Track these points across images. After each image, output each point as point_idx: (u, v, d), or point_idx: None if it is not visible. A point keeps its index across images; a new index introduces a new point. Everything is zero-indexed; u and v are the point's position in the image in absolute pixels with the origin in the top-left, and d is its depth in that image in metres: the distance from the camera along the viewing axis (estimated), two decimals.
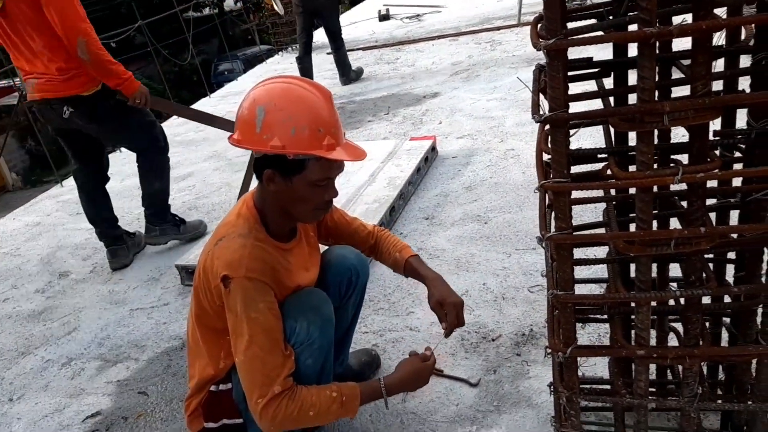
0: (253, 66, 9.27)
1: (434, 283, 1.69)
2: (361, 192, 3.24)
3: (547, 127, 1.20)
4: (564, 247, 1.18)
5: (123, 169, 5.02)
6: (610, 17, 1.27)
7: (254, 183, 1.60)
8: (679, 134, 1.18)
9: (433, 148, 3.81)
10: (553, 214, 1.20)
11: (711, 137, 1.24)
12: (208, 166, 4.64)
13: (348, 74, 6.16)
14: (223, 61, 20.46)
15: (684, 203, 1.27)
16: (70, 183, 4.96)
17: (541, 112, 1.09)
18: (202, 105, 6.83)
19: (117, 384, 2.31)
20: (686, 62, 1.15)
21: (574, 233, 1.17)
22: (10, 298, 3.16)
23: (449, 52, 6.67)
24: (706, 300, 1.36)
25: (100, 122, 2.85)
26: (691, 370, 1.24)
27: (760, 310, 1.26)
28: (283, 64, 8.24)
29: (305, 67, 5.90)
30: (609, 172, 1.17)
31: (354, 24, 9.71)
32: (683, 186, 1.11)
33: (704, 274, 1.18)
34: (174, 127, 6.06)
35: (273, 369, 1.42)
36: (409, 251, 1.79)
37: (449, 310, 1.64)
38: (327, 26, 5.85)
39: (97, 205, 3.21)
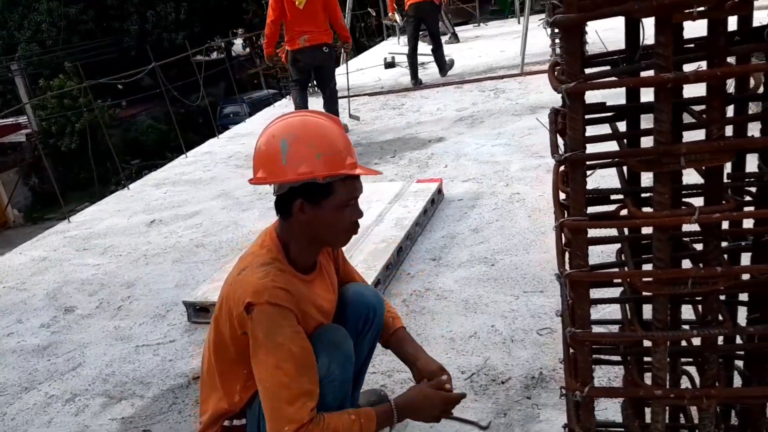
0: (259, 109, 9.42)
1: (418, 358, 1.73)
2: (368, 232, 3.27)
3: (562, 168, 1.25)
4: (581, 284, 1.20)
5: (131, 205, 5.07)
6: (623, 64, 1.33)
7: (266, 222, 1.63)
8: (691, 178, 1.21)
9: (439, 191, 3.86)
10: (567, 253, 1.23)
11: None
12: (215, 205, 4.68)
13: (444, 69, 7.98)
14: (229, 104, 20.83)
15: (695, 246, 1.31)
16: (77, 219, 5.00)
17: (561, 152, 1.13)
18: (210, 146, 6.94)
19: (121, 421, 2.28)
20: (696, 107, 1.20)
21: (592, 272, 1.19)
22: (14, 333, 3.15)
23: (454, 99, 6.81)
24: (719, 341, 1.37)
25: (331, 58, 5.45)
26: (708, 411, 1.24)
27: None
28: (291, 107, 8.39)
29: (413, 63, 7.89)
30: (625, 211, 1.20)
31: (361, 70, 9.92)
32: (695, 227, 1.14)
33: (720, 315, 1.19)
34: (182, 167, 6.14)
35: (299, 398, 1.40)
36: (399, 322, 1.83)
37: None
38: (429, 30, 7.82)
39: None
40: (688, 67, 1.15)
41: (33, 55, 20.52)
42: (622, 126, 1.42)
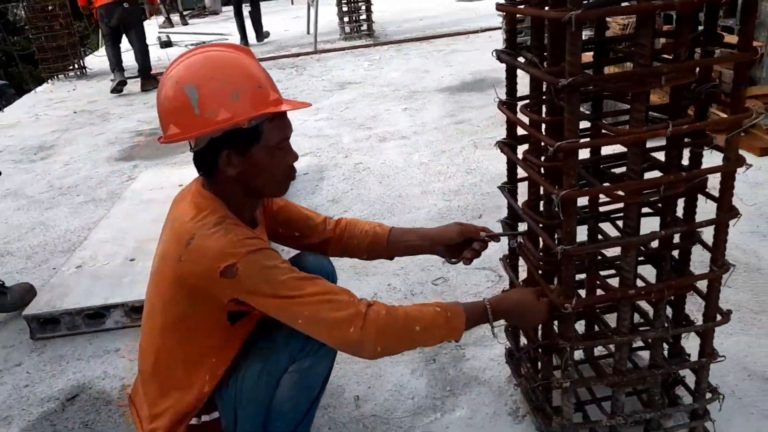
0: None
1: (430, 234, 1.65)
2: None
3: (520, 105, 1.36)
4: (571, 203, 1.29)
5: None
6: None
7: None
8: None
9: None
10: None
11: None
12: (5, 207, 3.90)
13: (261, 33, 8.81)
14: None
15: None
16: None
17: (560, 81, 1.20)
18: None
19: None
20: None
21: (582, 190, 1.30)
22: None
23: None
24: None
25: (133, 15, 6.32)
26: (662, 302, 1.45)
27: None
28: (59, 92, 7.31)
29: (241, 23, 8.47)
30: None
31: (130, 51, 9.02)
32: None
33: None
34: None
35: (343, 297, 1.28)
36: (386, 227, 1.70)
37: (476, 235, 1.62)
38: None
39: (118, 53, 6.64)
40: None
41: None
42: None
